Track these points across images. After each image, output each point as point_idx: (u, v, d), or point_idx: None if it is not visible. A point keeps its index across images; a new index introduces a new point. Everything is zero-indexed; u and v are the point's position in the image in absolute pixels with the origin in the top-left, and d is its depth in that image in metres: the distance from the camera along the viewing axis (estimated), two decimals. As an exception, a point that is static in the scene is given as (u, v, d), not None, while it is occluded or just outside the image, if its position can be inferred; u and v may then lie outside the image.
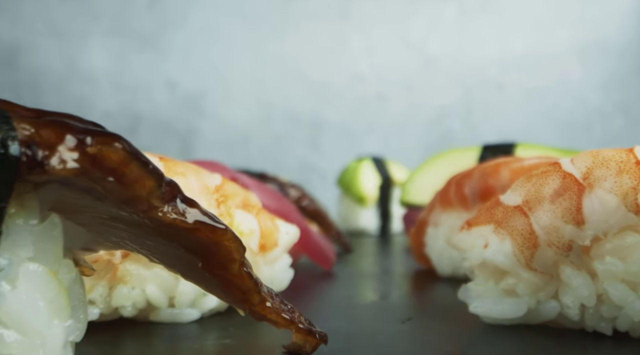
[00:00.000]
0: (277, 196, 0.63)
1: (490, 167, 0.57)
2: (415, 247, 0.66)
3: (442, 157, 0.79)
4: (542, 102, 1.83)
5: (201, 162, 0.60)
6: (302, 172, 1.71)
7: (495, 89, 1.81)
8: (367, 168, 1.12)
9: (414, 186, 0.78)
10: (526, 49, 1.81)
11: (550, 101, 1.83)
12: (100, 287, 0.38)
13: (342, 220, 1.14)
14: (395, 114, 1.79)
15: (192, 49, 1.76)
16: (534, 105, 1.82)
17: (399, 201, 0.80)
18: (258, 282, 0.29)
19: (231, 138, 1.74)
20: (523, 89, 1.81)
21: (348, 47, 1.80)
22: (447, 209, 0.60)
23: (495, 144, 0.77)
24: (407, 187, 0.78)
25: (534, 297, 0.39)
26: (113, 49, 1.73)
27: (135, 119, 1.73)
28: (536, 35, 1.82)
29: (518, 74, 1.81)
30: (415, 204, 0.77)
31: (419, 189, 0.77)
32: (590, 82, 1.83)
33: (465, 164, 0.78)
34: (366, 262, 0.74)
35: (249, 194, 0.45)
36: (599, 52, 1.83)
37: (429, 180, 0.78)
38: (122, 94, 1.73)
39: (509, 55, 1.81)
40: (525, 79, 1.82)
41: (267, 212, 0.45)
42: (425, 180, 0.78)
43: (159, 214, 0.26)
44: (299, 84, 1.77)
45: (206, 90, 1.75)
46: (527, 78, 1.82)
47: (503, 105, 1.81)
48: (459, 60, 1.81)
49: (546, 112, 1.84)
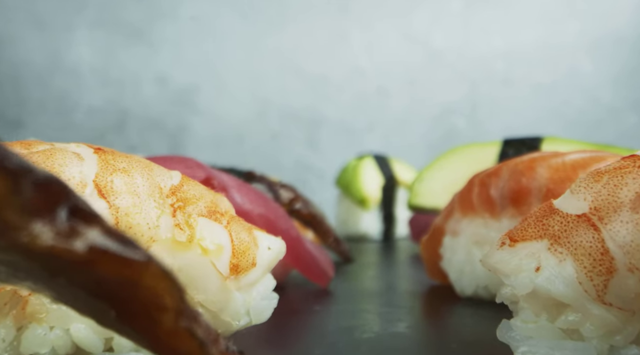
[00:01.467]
0: (263, 199, 0.52)
1: (522, 163, 0.46)
2: (428, 259, 0.55)
3: (456, 154, 0.68)
4: (551, 98, 1.73)
5: (168, 158, 0.49)
6: (298, 172, 1.64)
7: (502, 84, 1.72)
8: (368, 167, 1.01)
9: (423, 187, 0.67)
10: (534, 42, 1.72)
11: (559, 97, 1.73)
12: (3, 329, 0.27)
13: (341, 224, 1.03)
14: (397, 110, 1.70)
15: (183, 42, 1.66)
16: (542, 101, 1.72)
17: (406, 204, 0.68)
18: (205, 342, 0.18)
19: (224, 135, 1.65)
20: (531, 84, 1.72)
21: (348, 40, 1.71)
22: (468, 215, 0.48)
23: (518, 138, 0.66)
24: (415, 188, 0.67)
25: (607, 341, 0.28)
26: (99, 41, 1.63)
27: (122, 115, 1.63)
28: (544, 28, 1.73)
29: (525, 69, 1.72)
30: (426, 208, 0.66)
31: (430, 191, 0.66)
32: (601, 76, 1.74)
33: (483, 161, 0.67)
34: (368, 275, 0.63)
35: (218, 197, 0.34)
36: (610, 45, 1.74)
37: (442, 180, 0.66)
38: (108, 88, 1.63)
39: (516, 49, 1.72)
40: (533, 74, 1.72)
41: (242, 222, 0.34)
42: (436, 180, 0.66)
43: (21, 239, 0.15)
44: (296, 79, 1.68)
45: (198, 85, 1.65)
46: (535, 72, 1.72)
47: (510, 101, 1.72)
48: (464, 54, 1.72)
49: (555, 108, 1.75)
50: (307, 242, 0.55)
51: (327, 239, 0.72)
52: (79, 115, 1.61)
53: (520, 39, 1.72)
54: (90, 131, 1.61)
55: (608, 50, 1.73)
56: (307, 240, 0.55)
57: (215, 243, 0.31)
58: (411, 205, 0.67)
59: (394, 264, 0.74)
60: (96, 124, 1.61)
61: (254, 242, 0.34)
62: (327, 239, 0.71)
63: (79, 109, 1.61)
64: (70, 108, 1.61)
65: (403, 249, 0.90)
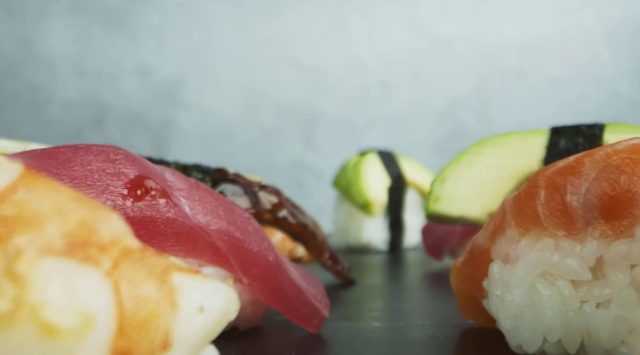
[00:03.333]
0: (226, 208, 0.35)
1: (618, 153, 0.29)
2: (463, 293, 0.38)
3: (488, 146, 0.51)
4: (567, 92, 1.58)
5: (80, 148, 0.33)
6: (294, 172, 1.50)
7: (514, 76, 1.58)
8: (372, 164, 0.84)
9: (447, 189, 0.50)
10: (548, 32, 1.58)
11: (576, 91, 1.58)
12: None
13: (340, 232, 0.86)
14: (400, 105, 1.56)
15: (168, 29, 1.50)
16: (557, 95, 1.58)
17: (424, 212, 0.52)
18: None
19: (212, 132, 1.49)
20: (545, 76, 1.58)
21: (348, 29, 1.55)
22: (530, 232, 0.32)
23: (571, 126, 0.50)
24: (436, 190, 0.50)
25: None
26: (75, 29, 1.47)
27: (101, 110, 1.47)
28: (559, 16, 1.59)
29: (539, 60, 1.58)
30: (451, 217, 0.49)
31: (456, 194, 0.50)
32: (620, 68, 1.59)
33: (526, 154, 0.50)
34: (374, 309, 0.46)
35: (99, 215, 0.17)
36: (629, 34, 1.60)
37: (472, 180, 0.50)
38: (85, 80, 1.47)
39: (529, 39, 1.58)
40: (547, 66, 1.58)
41: (148, 260, 0.17)
42: (465, 179, 0.50)
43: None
44: (292, 71, 1.52)
45: (184, 77, 1.49)
46: (549, 64, 1.58)
47: (522, 95, 1.58)
48: (473, 45, 1.58)
49: (571, 102, 1.62)
50: (291, 269, 0.38)
51: (321, 256, 0.55)
52: (53, 110, 1.46)
53: (533, 28, 1.59)
54: (65, 127, 1.45)
55: (627, 39, 1.59)
56: (291, 267, 0.38)
57: (78, 312, 0.14)
58: (431, 213, 0.50)
59: (406, 289, 0.57)
60: (72, 119, 1.46)
61: (170, 299, 0.17)
62: (321, 256, 0.55)
63: (53, 103, 1.46)
64: (44, 102, 1.46)
65: (415, 263, 0.74)
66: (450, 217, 0.50)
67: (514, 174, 0.50)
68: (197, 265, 0.34)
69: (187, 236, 0.33)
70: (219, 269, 0.35)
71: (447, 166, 0.53)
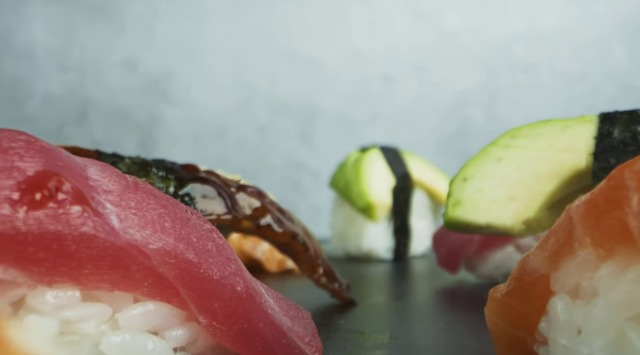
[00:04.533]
0: (176, 217, 0.25)
1: None
2: (503, 331, 0.27)
3: (521, 137, 0.41)
4: (578, 87, 1.51)
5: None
6: (290, 171, 1.41)
7: (524, 70, 1.51)
8: (375, 162, 0.74)
9: (470, 191, 0.40)
10: (559, 24, 1.51)
11: (588, 85, 1.51)
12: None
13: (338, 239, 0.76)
14: (403, 100, 1.48)
15: (155, 19, 1.41)
16: (569, 90, 1.50)
17: (443, 220, 0.41)
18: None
19: (203, 129, 1.40)
20: (556, 71, 1.50)
21: (347, 18, 1.47)
22: (615, 254, 0.21)
23: (626, 112, 0.39)
24: (456, 192, 0.40)
25: None
26: (57, 18, 1.37)
27: (84, 105, 1.38)
28: (570, 7, 1.51)
29: (550, 54, 1.51)
30: (475, 225, 0.39)
31: (482, 196, 0.39)
32: (635, 62, 1.51)
33: (570, 146, 0.40)
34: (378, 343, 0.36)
35: None
36: (644, 26, 1.51)
37: (501, 180, 0.39)
38: (68, 74, 1.39)
39: (539, 31, 1.51)
40: (558, 59, 1.51)
41: None
42: (493, 179, 0.39)
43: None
44: (287, 64, 1.44)
45: (173, 71, 1.40)
46: (560, 58, 1.51)
47: (532, 91, 1.50)
48: (481, 37, 1.50)
49: (583, 98, 1.55)
50: (269, 301, 0.27)
51: (313, 272, 0.45)
52: (33, 105, 1.37)
53: (543, 20, 1.51)
54: (46, 123, 1.37)
55: (642, 32, 1.51)
56: (269, 298, 0.28)
57: None
58: (450, 220, 0.40)
59: (418, 312, 0.46)
60: (53, 115, 1.37)
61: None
62: (314, 272, 0.44)
63: (33, 98, 1.38)
64: (23, 96, 1.37)
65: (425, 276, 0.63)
66: (474, 226, 0.40)
67: (556, 171, 0.39)
68: (130, 300, 0.24)
69: (113, 260, 0.22)
70: (163, 305, 0.24)
71: (469, 162, 0.42)
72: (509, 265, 0.55)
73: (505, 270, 0.56)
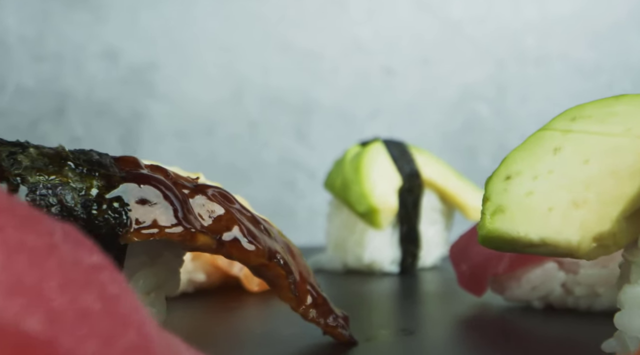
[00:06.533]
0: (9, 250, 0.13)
1: None
2: None
3: (585, 118, 0.29)
4: (593, 80, 1.44)
5: None
6: (284, 170, 1.33)
7: (534, 63, 1.44)
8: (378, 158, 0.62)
9: (517, 193, 0.28)
10: (572, 12, 1.44)
11: (603, 78, 1.44)
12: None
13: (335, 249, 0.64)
14: (406, 94, 1.42)
15: (138, 7, 1.32)
16: (582, 83, 1.44)
17: (479, 236, 0.29)
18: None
19: (190, 124, 1.32)
20: (568, 63, 1.44)
21: (346, 7, 1.40)
22: None
23: None
24: (497, 195, 0.28)
25: None
26: (32, 6, 1.28)
27: (62, 99, 1.29)
28: None
29: (562, 44, 1.45)
30: (526, 241, 0.27)
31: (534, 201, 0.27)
32: None
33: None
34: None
35: None
36: (663, 15, 1.44)
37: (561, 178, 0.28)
38: (43, 65, 1.30)
39: (551, 20, 1.45)
40: (570, 51, 1.44)
41: None
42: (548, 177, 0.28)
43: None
44: (281, 55, 1.37)
45: (157, 61, 1.31)
46: (573, 49, 1.45)
47: (543, 84, 1.44)
48: (488, 27, 1.44)
49: (597, 91, 1.47)
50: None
51: (299, 303, 0.33)
52: (5, 99, 1.29)
53: (555, 8, 1.45)
54: (19, 118, 1.29)
55: (661, 21, 1.44)
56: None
57: None
58: (490, 234, 0.28)
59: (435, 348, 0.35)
60: (28, 109, 1.30)
61: None
62: (300, 304, 0.33)
63: (5, 91, 1.29)
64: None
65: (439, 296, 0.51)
66: (523, 242, 0.28)
67: (638, 165, 0.28)
68: None
69: None
70: None
71: (512, 153, 0.30)
72: (549, 286, 0.44)
73: (543, 292, 0.44)
